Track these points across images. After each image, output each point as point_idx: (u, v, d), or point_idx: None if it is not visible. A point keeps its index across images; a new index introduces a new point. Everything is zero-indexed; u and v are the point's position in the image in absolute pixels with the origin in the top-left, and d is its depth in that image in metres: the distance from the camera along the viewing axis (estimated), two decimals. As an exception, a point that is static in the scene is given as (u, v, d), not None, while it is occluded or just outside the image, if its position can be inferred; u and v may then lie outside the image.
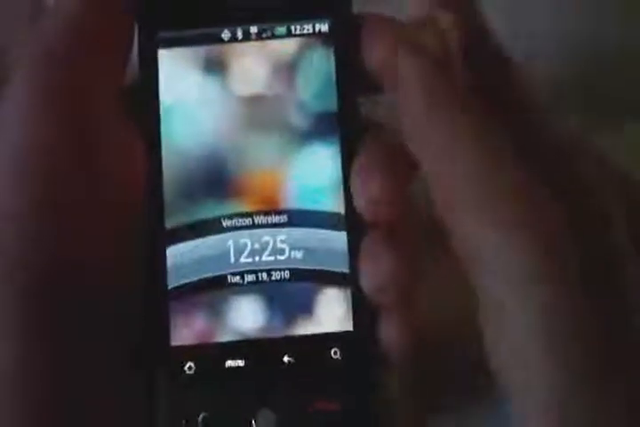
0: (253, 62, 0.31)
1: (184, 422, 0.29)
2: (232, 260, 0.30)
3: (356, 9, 0.31)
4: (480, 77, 0.28)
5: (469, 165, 0.26)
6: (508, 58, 0.29)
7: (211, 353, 0.30)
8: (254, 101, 0.31)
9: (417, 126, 0.27)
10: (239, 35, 0.31)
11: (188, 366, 0.30)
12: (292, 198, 0.31)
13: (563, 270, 0.25)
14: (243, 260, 0.30)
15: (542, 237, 0.25)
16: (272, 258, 0.30)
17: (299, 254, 0.30)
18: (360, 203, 0.30)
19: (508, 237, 0.25)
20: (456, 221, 0.27)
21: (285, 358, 0.30)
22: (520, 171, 0.26)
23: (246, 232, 0.30)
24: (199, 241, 0.30)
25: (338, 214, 0.30)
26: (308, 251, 0.30)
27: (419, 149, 0.27)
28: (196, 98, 0.31)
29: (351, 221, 0.30)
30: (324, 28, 0.31)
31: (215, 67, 0.31)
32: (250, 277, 0.30)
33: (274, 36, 0.31)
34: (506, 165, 0.26)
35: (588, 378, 0.25)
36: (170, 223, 0.30)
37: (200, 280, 0.30)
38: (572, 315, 0.25)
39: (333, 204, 0.30)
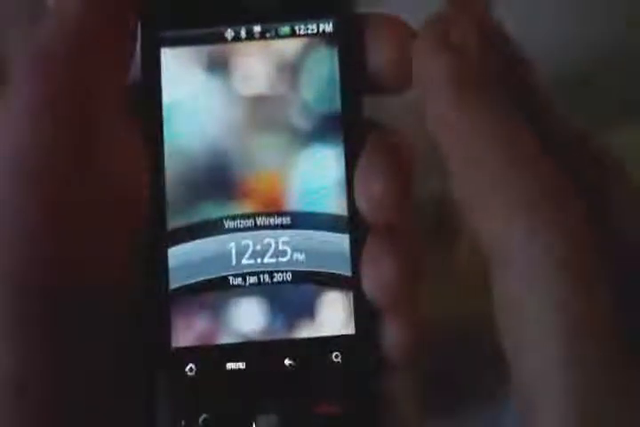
0: (257, 62, 0.31)
1: (184, 423, 0.29)
2: (234, 261, 0.30)
3: (359, 8, 0.31)
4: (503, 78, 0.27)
5: (498, 167, 0.26)
6: (526, 60, 0.29)
7: (212, 355, 0.30)
8: (257, 101, 0.31)
9: (445, 125, 0.27)
10: (243, 34, 0.31)
11: (188, 367, 0.30)
12: (295, 200, 0.30)
13: (586, 268, 0.25)
14: (244, 261, 0.30)
15: (569, 234, 0.25)
16: (274, 260, 0.30)
17: (301, 256, 0.30)
18: (362, 204, 0.30)
19: (535, 236, 0.25)
20: (482, 221, 0.26)
21: (286, 361, 0.30)
22: (549, 171, 0.26)
23: (248, 234, 0.30)
24: (201, 242, 0.30)
25: (340, 216, 0.30)
26: (311, 253, 0.30)
27: (445, 149, 0.27)
28: (198, 97, 0.31)
29: (354, 224, 0.30)
30: (328, 28, 0.31)
31: (218, 66, 0.31)
32: (252, 279, 0.30)
33: (277, 36, 0.31)
34: (535, 166, 0.26)
35: (606, 375, 0.25)
36: (171, 224, 0.30)
37: (201, 282, 0.30)
38: (591, 312, 0.25)
39: (336, 206, 0.30)
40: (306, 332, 0.30)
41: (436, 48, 0.27)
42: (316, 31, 0.31)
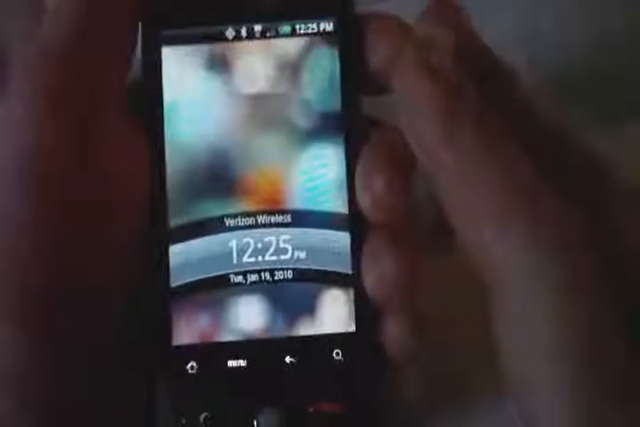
0: (257, 61, 0.31)
1: (185, 421, 0.29)
2: (235, 259, 0.30)
3: (359, 8, 0.31)
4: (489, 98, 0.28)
5: (493, 190, 0.26)
6: (509, 73, 0.29)
7: (213, 353, 0.30)
8: (258, 100, 0.31)
9: (435, 152, 0.27)
10: (243, 33, 0.31)
11: (190, 365, 0.30)
12: (296, 198, 0.30)
13: (585, 282, 0.25)
14: (245, 259, 0.30)
15: (566, 251, 0.26)
16: (275, 258, 0.30)
17: (302, 254, 0.30)
18: (363, 202, 0.30)
19: (532, 252, 0.26)
20: (475, 237, 0.27)
21: (287, 359, 0.30)
22: (547, 195, 0.26)
23: (249, 232, 0.30)
24: (202, 240, 0.30)
25: (341, 214, 0.30)
26: (312, 251, 0.30)
27: (435, 175, 0.27)
28: (199, 96, 0.31)
29: (354, 221, 0.30)
30: (329, 27, 0.31)
31: (219, 65, 0.31)
32: (253, 277, 0.30)
33: (278, 35, 0.31)
34: (531, 191, 0.26)
35: (610, 375, 0.25)
36: (173, 222, 0.30)
37: (203, 280, 0.30)
38: (589, 322, 0.25)
39: (337, 204, 0.30)
40: (307, 329, 0.30)
41: (418, 75, 0.28)
42: (316, 30, 0.31)
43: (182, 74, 0.31)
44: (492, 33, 0.29)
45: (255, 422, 0.29)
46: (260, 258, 0.30)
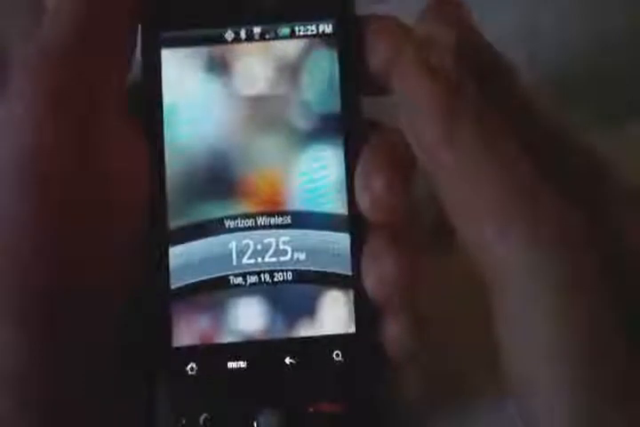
0: (257, 63, 0.31)
1: (185, 422, 0.29)
2: (234, 261, 0.30)
3: (358, 10, 0.31)
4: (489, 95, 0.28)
5: (493, 189, 0.26)
6: (509, 69, 0.29)
7: (213, 354, 0.30)
8: (258, 102, 0.31)
9: (435, 152, 0.27)
10: (243, 35, 0.31)
11: (190, 366, 0.30)
12: (295, 199, 0.31)
13: (585, 282, 0.26)
14: (245, 261, 0.30)
15: (566, 251, 0.26)
16: (275, 259, 0.30)
17: (302, 256, 0.30)
18: (363, 203, 0.30)
19: (532, 252, 0.26)
20: (475, 236, 0.27)
21: (287, 360, 0.30)
22: (544, 193, 0.26)
23: (249, 233, 0.30)
24: (202, 242, 0.30)
25: (341, 215, 0.30)
26: (311, 252, 0.30)
27: (436, 174, 0.27)
28: (199, 98, 0.31)
29: (354, 222, 0.30)
30: (328, 29, 0.31)
31: (218, 67, 0.31)
32: (252, 279, 0.30)
33: (277, 37, 0.31)
34: (531, 191, 0.26)
35: (611, 375, 0.25)
36: (173, 224, 0.30)
37: (202, 281, 0.30)
38: (589, 322, 0.25)
39: (336, 205, 0.30)
40: (306, 331, 0.30)
41: (418, 75, 0.28)
42: (315, 32, 0.31)
43: (182, 76, 0.31)
44: (491, 30, 0.29)
45: (255, 423, 0.29)
46: (259, 259, 0.30)
